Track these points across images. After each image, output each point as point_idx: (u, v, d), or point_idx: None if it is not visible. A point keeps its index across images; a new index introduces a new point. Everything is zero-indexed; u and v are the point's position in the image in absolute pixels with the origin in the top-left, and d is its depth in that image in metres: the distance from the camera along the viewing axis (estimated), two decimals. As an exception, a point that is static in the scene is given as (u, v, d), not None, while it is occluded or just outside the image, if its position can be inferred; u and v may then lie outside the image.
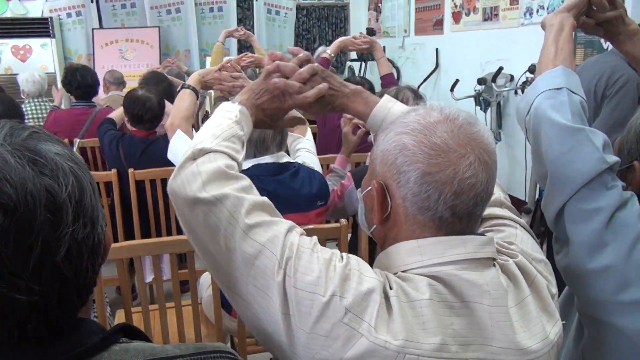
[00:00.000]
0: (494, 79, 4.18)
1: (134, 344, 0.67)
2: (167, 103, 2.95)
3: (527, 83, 3.93)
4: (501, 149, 4.37)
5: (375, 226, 0.93)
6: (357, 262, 0.86)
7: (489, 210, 1.00)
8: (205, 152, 0.96)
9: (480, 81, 4.29)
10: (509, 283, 0.87)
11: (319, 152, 2.26)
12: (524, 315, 0.85)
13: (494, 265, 0.87)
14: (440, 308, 0.81)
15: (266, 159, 1.81)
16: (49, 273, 0.58)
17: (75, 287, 0.62)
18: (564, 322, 1.00)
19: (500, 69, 4.17)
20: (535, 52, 1.31)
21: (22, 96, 4.05)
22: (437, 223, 0.84)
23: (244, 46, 7.38)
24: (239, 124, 1.04)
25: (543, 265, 0.96)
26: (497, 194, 1.06)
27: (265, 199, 0.94)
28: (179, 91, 2.06)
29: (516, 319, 0.84)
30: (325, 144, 3.14)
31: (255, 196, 0.92)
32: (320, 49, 3.52)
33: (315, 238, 0.90)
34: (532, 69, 3.77)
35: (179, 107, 1.98)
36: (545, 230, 3.16)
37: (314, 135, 3.00)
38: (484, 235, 0.88)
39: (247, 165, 1.82)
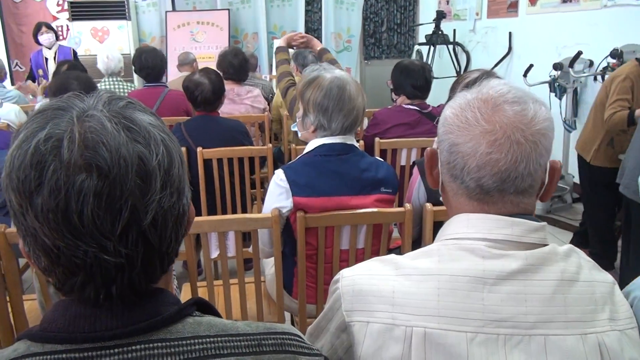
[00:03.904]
0: (571, 64, 3.97)
1: (207, 319, 0.69)
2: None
3: (607, 68, 3.71)
4: (576, 138, 4.16)
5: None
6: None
7: None
8: None
9: (556, 66, 4.09)
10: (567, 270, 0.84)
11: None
12: (573, 300, 0.82)
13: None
14: (469, 283, 0.81)
15: (333, 139, 1.81)
16: (135, 238, 0.60)
17: (158, 254, 0.64)
18: None
19: (579, 53, 3.96)
20: (618, 36, 1.23)
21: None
22: (467, 192, 0.89)
23: (311, 29, 7.38)
24: None
25: None
26: None
27: None
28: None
29: (560, 294, 0.81)
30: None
31: None
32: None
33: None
34: (614, 54, 3.54)
35: None
36: (621, 226, 3.00)
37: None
38: (538, 221, 0.87)
39: (313, 145, 1.83)
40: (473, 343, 0.79)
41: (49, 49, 5.51)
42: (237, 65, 3.77)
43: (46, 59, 5.54)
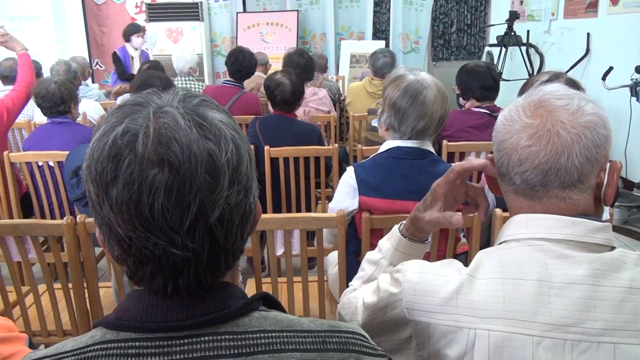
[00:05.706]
0: (655, 67, 3.75)
1: (273, 313, 0.70)
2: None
3: (697, 72, 3.47)
4: (658, 145, 3.93)
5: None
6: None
7: None
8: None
9: (639, 69, 3.87)
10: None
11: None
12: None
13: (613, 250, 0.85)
14: (536, 287, 0.81)
15: (408, 143, 1.78)
16: (202, 233, 0.62)
17: (223, 250, 0.65)
18: None
19: (665, 56, 3.73)
20: None
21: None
22: (514, 188, 0.90)
23: (379, 30, 7.34)
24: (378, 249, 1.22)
25: None
26: None
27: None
28: None
29: (629, 301, 0.79)
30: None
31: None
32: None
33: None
34: None
35: None
36: None
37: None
38: (601, 221, 0.85)
39: (387, 146, 1.81)
40: (539, 347, 0.78)
41: (135, 49, 5.80)
42: (303, 64, 3.84)
43: (132, 58, 5.83)
